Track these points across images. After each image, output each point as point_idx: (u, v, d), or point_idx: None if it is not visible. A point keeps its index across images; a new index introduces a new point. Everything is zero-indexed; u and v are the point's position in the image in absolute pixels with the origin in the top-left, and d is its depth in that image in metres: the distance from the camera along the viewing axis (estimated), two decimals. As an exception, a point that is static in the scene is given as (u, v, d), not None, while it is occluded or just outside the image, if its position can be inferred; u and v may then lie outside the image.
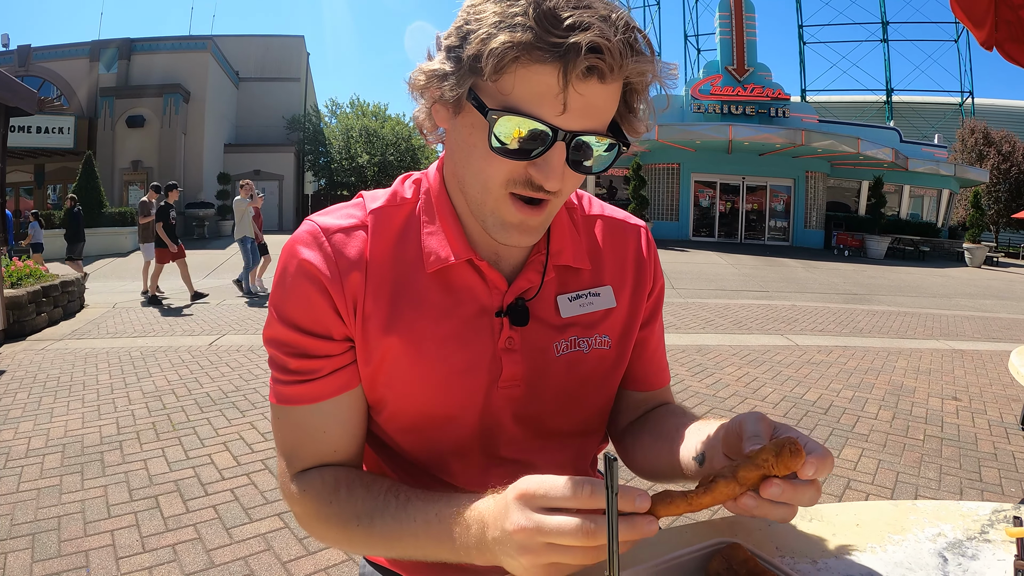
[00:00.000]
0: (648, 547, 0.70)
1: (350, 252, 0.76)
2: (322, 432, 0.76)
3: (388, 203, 0.81)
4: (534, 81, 0.62)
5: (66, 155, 22.93)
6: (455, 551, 0.64)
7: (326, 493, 0.74)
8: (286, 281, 0.75)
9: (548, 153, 0.65)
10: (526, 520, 0.55)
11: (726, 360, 5.62)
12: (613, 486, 0.49)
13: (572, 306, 0.83)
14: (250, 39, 29.68)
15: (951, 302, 11.08)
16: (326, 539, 0.77)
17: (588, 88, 0.62)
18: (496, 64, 0.61)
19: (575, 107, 0.63)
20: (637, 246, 0.91)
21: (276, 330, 0.76)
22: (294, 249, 0.76)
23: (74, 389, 4.40)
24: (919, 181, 26.00)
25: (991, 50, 2.66)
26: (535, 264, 0.81)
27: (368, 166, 28.93)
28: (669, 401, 0.97)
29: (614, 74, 0.62)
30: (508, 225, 0.71)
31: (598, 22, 0.60)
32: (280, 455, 0.79)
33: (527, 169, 0.67)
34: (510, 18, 0.61)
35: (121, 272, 13.17)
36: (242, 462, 3.14)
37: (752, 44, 24.51)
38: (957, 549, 0.72)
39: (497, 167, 0.67)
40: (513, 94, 0.63)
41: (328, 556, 2.31)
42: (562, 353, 0.82)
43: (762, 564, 0.60)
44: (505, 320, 0.79)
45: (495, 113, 0.63)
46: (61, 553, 2.28)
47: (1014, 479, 3.21)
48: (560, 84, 0.61)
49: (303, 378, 0.75)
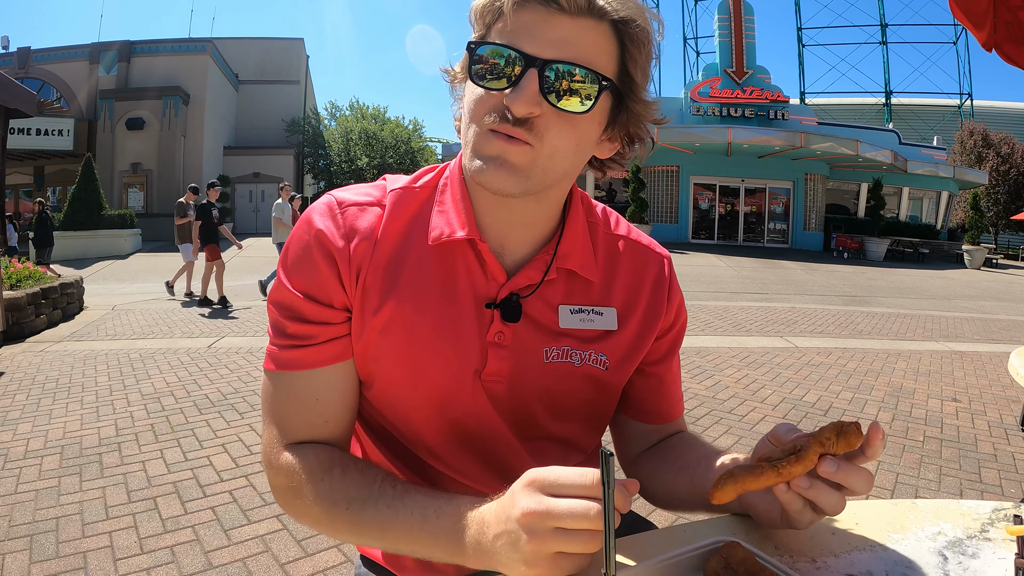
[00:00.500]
0: (647, 545, 0.70)
1: (361, 226, 0.77)
2: (315, 400, 0.77)
3: (408, 185, 0.83)
4: (522, 17, 0.67)
5: (66, 157, 22.95)
6: (448, 549, 0.63)
7: (319, 471, 0.73)
8: (297, 246, 0.77)
9: (520, 80, 0.66)
10: (536, 503, 0.55)
11: (725, 362, 5.61)
12: (609, 481, 0.49)
13: (573, 319, 0.81)
14: (250, 41, 29.72)
15: (950, 304, 11.09)
16: (303, 517, 0.75)
17: (552, 19, 0.66)
18: (482, 17, 0.69)
19: (541, 36, 0.66)
20: (658, 275, 0.88)
21: (280, 292, 0.77)
22: (309, 217, 0.78)
23: (73, 391, 4.40)
24: (918, 183, 26.04)
25: (991, 51, 2.66)
26: (538, 263, 0.80)
27: (367, 169, 28.93)
28: (682, 430, 0.96)
29: (577, 7, 0.66)
30: (487, 159, 0.69)
31: None
32: (269, 423, 0.79)
33: (503, 101, 0.68)
34: None
35: (120, 274, 13.17)
36: (240, 464, 3.14)
37: (751, 46, 24.55)
38: (957, 547, 0.72)
39: (479, 104, 0.69)
40: (503, 34, 0.68)
41: (326, 558, 2.30)
42: (551, 360, 0.80)
43: (760, 562, 0.60)
44: (496, 313, 0.78)
45: (473, 43, 0.69)
46: (59, 554, 2.27)
47: (1014, 480, 3.21)
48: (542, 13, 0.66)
49: (300, 343, 0.76)
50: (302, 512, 0.74)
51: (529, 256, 0.81)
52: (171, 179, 23.44)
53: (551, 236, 0.82)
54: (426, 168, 0.86)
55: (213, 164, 25.56)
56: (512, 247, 0.81)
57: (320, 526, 0.74)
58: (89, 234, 16.20)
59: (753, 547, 0.62)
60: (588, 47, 0.68)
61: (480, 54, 0.68)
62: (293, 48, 30.39)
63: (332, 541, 2.41)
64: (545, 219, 0.81)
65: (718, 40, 25.01)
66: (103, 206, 16.76)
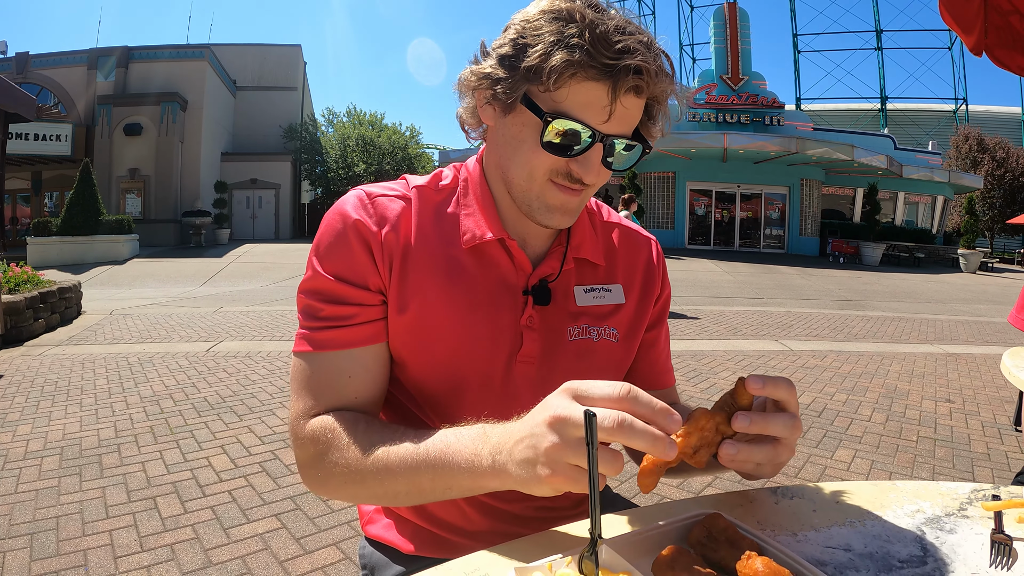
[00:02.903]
0: (633, 520, 0.73)
1: (391, 214, 0.85)
2: (347, 377, 0.81)
3: (430, 184, 0.91)
4: (586, 93, 0.74)
5: (63, 163, 22.90)
6: (467, 468, 0.66)
7: (345, 428, 0.76)
8: (330, 234, 0.83)
9: (588, 152, 0.77)
10: (566, 407, 0.58)
11: (721, 365, 5.64)
12: (593, 441, 0.52)
13: (587, 297, 0.92)
14: (247, 48, 29.73)
15: (946, 307, 11.14)
16: (331, 486, 0.78)
17: (628, 101, 0.76)
18: (556, 77, 0.73)
19: (616, 116, 0.75)
20: (648, 255, 1.01)
21: (314, 279, 0.82)
22: (340, 209, 0.85)
23: (72, 394, 4.41)
24: (914, 188, 26.14)
25: (980, 55, 2.70)
26: (556, 253, 0.91)
27: (365, 175, 28.90)
28: (675, 401, 1.03)
29: (649, 91, 0.76)
30: (552, 207, 0.82)
31: (642, 48, 0.73)
32: (297, 399, 0.82)
33: (568, 164, 0.79)
34: (567, 39, 0.72)
35: (118, 280, 13.15)
36: (239, 465, 3.16)
37: (747, 53, 24.70)
38: (935, 524, 0.75)
39: (543, 159, 0.79)
40: (566, 102, 0.75)
41: (325, 555, 2.32)
42: (574, 338, 0.89)
43: (741, 532, 0.63)
44: (529, 298, 0.87)
45: (550, 116, 0.75)
46: (60, 552, 2.29)
47: (1007, 478, 3.24)
48: (609, 98, 0.73)
49: (336, 324, 0.81)
50: (331, 475, 0.76)
51: (546, 248, 0.93)
52: (169, 185, 23.42)
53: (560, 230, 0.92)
54: (438, 169, 0.95)
55: (211, 170, 25.54)
56: (532, 242, 0.91)
57: (349, 486, 0.76)
58: (86, 239, 16.16)
59: (734, 520, 0.65)
60: (639, 117, 0.81)
61: (551, 122, 0.75)
62: (291, 55, 30.41)
63: (330, 539, 2.44)
64: None
65: (714, 46, 25.16)
66: (101, 211, 16.73)
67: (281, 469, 3.11)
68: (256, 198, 27.54)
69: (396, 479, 0.71)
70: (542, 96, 0.76)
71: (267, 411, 4.04)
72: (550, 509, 0.93)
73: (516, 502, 0.90)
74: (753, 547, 0.60)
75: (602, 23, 0.72)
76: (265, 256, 18.18)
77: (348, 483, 0.75)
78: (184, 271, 14.63)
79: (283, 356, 5.70)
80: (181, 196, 23.75)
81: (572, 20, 0.73)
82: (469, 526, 0.90)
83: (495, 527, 0.90)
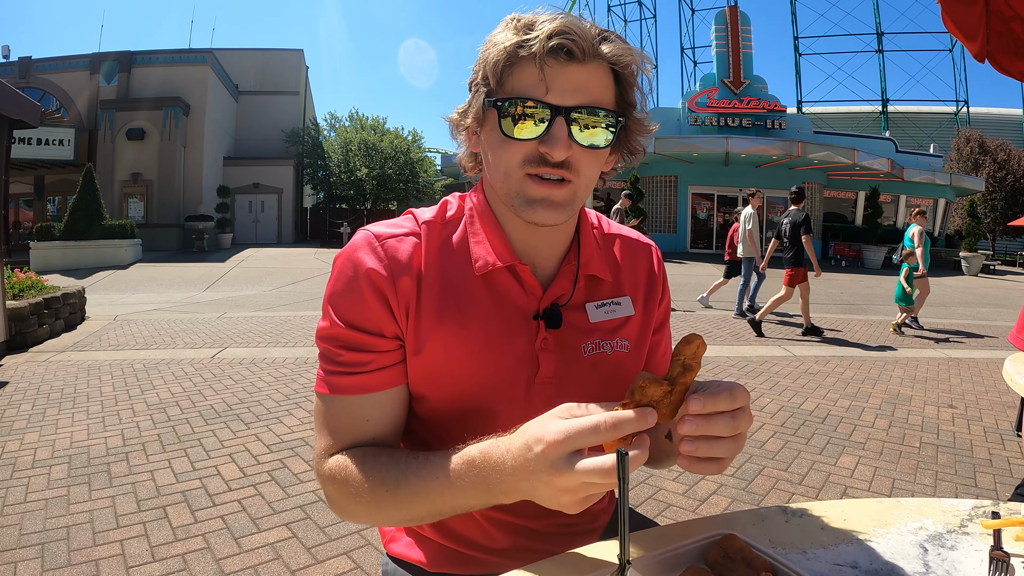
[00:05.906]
0: (655, 540, 0.76)
1: (402, 256, 0.86)
2: (364, 420, 0.83)
3: (437, 217, 0.92)
4: (524, 75, 0.78)
5: (66, 167, 22.98)
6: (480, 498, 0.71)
7: (356, 467, 0.79)
8: (342, 281, 0.84)
9: (551, 129, 0.77)
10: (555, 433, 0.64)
11: (724, 371, 5.67)
12: (625, 477, 0.55)
13: (598, 313, 0.93)
14: (249, 52, 29.81)
15: (948, 311, 11.15)
16: (359, 516, 0.82)
17: (567, 69, 0.77)
18: (496, 73, 0.78)
19: (560, 86, 0.77)
20: (649, 262, 1.03)
21: (331, 326, 0.84)
22: (351, 255, 0.85)
23: (78, 401, 4.44)
24: (915, 191, 26.17)
25: (983, 62, 2.72)
26: (567, 273, 0.92)
27: (367, 179, 28.94)
28: None
29: (587, 55, 0.77)
30: (533, 200, 0.81)
31: (566, 18, 0.77)
32: (319, 436, 0.85)
33: (537, 148, 0.79)
34: (503, 39, 0.78)
35: (121, 285, 13.19)
36: (248, 473, 3.18)
37: (748, 56, 24.77)
38: (937, 541, 0.78)
39: (512, 151, 0.80)
40: (514, 91, 0.79)
41: (337, 564, 2.34)
42: (589, 354, 0.90)
43: (755, 552, 0.66)
44: (541, 323, 0.88)
45: (498, 100, 0.79)
46: (71, 562, 2.31)
47: (1009, 485, 3.26)
48: (538, 65, 0.76)
49: (353, 370, 0.83)
50: (357, 512, 0.81)
51: (555, 269, 0.93)
52: (171, 189, 23.49)
53: (569, 248, 0.94)
54: (444, 200, 0.96)
55: (213, 174, 25.61)
56: (542, 264, 0.92)
57: (376, 518, 0.81)
58: (89, 244, 16.20)
59: (748, 539, 0.68)
60: (597, 88, 0.80)
61: (508, 108, 0.78)
62: (293, 59, 30.49)
63: (342, 548, 2.46)
64: (565, 236, 0.93)
65: (715, 50, 25.23)
66: (104, 216, 16.77)
67: (290, 478, 3.14)
68: (259, 202, 27.59)
69: (412, 506, 0.76)
70: (498, 95, 0.80)
71: (274, 419, 4.07)
72: (569, 525, 0.96)
73: (537, 519, 0.93)
74: (767, 567, 0.63)
75: (531, 20, 0.78)
76: (268, 261, 18.24)
77: (372, 513, 0.80)
78: (187, 276, 14.66)
79: (288, 363, 5.73)
80: (184, 200, 23.79)
81: (508, 27, 0.79)
82: (490, 543, 0.93)
83: (516, 543, 0.93)
